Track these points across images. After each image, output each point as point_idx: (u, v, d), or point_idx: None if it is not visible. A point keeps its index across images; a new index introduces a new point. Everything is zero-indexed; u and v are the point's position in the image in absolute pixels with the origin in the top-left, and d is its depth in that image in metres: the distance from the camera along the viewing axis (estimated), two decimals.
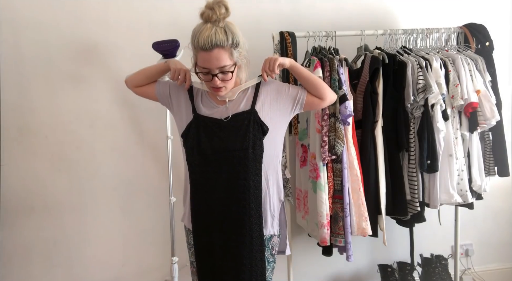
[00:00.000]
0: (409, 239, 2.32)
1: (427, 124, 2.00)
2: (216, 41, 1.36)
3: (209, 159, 1.51)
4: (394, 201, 2.04)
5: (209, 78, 1.44)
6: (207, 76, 1.44)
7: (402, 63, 2.02)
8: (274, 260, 1.62)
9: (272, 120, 1.53)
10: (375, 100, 2.00)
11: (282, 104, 1.56)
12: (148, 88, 1.65)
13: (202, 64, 1.42)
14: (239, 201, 1.49)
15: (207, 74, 1.44)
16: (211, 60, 1.39)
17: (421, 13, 2.48)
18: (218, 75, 1.42)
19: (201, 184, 1.55)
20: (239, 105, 1.53)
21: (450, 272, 2.42)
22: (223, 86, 1.46)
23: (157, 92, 1.63)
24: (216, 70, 1.41)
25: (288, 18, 2.31)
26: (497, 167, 2.20)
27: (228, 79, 1.45)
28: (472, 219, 2.61)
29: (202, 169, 1.53)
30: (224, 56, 1.39)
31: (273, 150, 1.56)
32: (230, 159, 1.49)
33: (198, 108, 1.55)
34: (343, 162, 1.93)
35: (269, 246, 1.58)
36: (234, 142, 1.49)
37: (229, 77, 1.44)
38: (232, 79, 1.47)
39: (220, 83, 1.44)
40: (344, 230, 1.95)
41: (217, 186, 1.52)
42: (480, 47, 2.23)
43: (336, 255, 2.07)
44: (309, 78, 1.56)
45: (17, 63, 2.15)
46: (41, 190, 2.23)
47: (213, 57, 1.38)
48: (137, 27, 2.21)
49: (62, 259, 2.29)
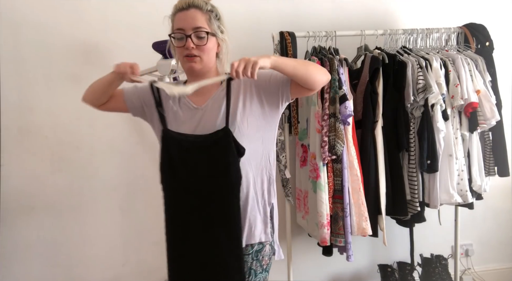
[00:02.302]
0: (409, 239, 2.32)
1: (427, 124, 2.00)
2: (194, 2, 1.33)
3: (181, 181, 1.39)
4: (394, 201, 2.04)
5: (183, 43, 1.33)
6: (181, 41, 1.33)
7: (402, 63, 2.02)
8: (264, 270, 1.44)
9: (257, 120, 1.38)
10: (375, 100, 2.00)
11: (266, 98, 1.38)
12: (115, 102, 1.50)
13: (177, 25, 1.34)
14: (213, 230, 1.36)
15: (181, 39, 1.33)
16: (186, 19, 1.32)
17: (421, 13, 2.48)
18: (192, 37, 1.32)
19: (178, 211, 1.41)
20: (218, 112, 1.36)
21: (450, 272, 2.42)
22: (197, 56, 1.33)
23: (126, 98, 1.49)
24: (190, 31, 1.32)
25: (288, 18, 2.31)
26: (497, 167, 2.20)
27: (203, 45, 1.33)
28: (472, 219, 2.61)
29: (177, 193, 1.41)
30: (200, 17, 1.32)
31: (261, 149, 1.41)
32: (202, 185, 1.36)
33: (168, 117, 1.41)
34: (343, 162, 1.93)
35: (258, 257, 1.42)
36: (203, 167, 1.35)
37: (204, 42, 1.33)
38: (208, 51, 1.35)
39: (194, 48, 1.32)
40: (344, 230, 1.95)
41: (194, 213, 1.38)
42: (480, 47, 2.23)
43: (336, 255, 2.07)
44: (296, 73, 1.32)
45: (17, 63, 2.15)
46: (41, 190, 2.23)
47: (189, 16, 1.32)
48: (137, 27, 2.21)
49: (62, 259, 2.29)
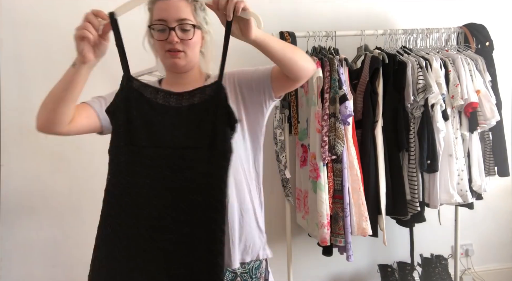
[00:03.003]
0: (409, 239, 2.32)
1: (427, 124, 2.00)
2: None
3: (143, 155, 1.10)
4: (394, 201, 2.04)
5: (165, 36, 1.14)
6: (163, 33, 1.14)
7: (402, 63, 2.02)
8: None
9: (249, 113, 1.23)
10: (375, 100, 2.00)
11: (249, 98, 1.23)
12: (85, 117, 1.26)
13: (158, 15, 1.15)
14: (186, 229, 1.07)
15: (163, 31, 1.14)
16: (169, 8, 1.14)
17: (421, 13, 2.47)
18: (176, 30, 1.13)
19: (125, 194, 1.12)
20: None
21: (450, 272, 2.42)
22: (182, 51, 1.15)
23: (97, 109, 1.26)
24: (174, 23, 1.13)
25: (288, 18, 2.31)
26: (497, 167, 2.20)
27: (188, 39, 1.15)
28: (472, 219, 2.61)
29: (130, 169, 1.10)
30: (185, 8, 1.14)
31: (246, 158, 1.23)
32: (176, 161, 1.09)
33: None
34: (343, 162, 1.93)
35: (256, 276, 1.25)
36: (186, 135, 1.10)
37: (189, 36, 1.14)
38: (193, 46, 1.17)
39: (178, 42, 1.14)
40: (344, 230, 1.95)
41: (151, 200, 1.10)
42: (480, 47, 2.23)
43: (336, 255, 2.07)
44: (285, 54, 1.13)
45: (17, 63, 2.15)
46: (41, 190, 2.22)
47: (172, 6, 1.14)
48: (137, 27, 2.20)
49: (62, 259, 2.29)
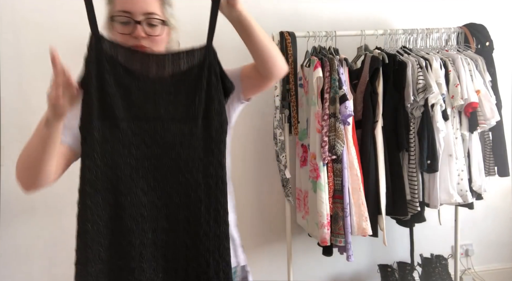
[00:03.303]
0: (409, 239, 2.32)
1: (427, 124, 2.00)
2: None
3: (122, 130, 0.97)
4: (394, 201, 2.04)
5: (129, 29, 1.02)
6: (126, 27, 1.02)
7: (402, 63, 2.02)
8: None
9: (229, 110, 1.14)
10: (375, 100, 2.00)
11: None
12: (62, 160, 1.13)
13: (121, 6, 1.01)
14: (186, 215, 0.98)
15: (126, 24, 1.02)
16: (135, 0, 1.02)
17: (421, 13, 2.48)
18: (143, 24, 1.02)
19: (104, 179, 0.98)
20: None
21: (450, 272, 2.42)
22: (147, 48, 1.04)
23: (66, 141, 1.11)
24: (140, 16, 1.01)
25: (288, 18, 2.31)
26: (497, 167, 2.20)
27: (155, 35, 1.04)
28: (472, 219, 2.61)
29: (106, 147, 0.96)
30: (153, 1, 1.05)
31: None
32: (163, 135, 0.97)
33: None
34: (343, 162, 1.93)
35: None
36: (173, 105, 0.98)
37: (156, 32, 1.04)
38: (159, 44, 1.07)
39: (144, 38, 1.02)
40: (344, 230, 1.95)
41: (136, 184, 0.98)
42: (480, 47, 2.23)
43: (336, 255, 2.06)
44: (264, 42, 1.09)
45: (17, 63, 2.15)
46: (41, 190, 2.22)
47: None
48: None
49: (62, 259, 2.28)
